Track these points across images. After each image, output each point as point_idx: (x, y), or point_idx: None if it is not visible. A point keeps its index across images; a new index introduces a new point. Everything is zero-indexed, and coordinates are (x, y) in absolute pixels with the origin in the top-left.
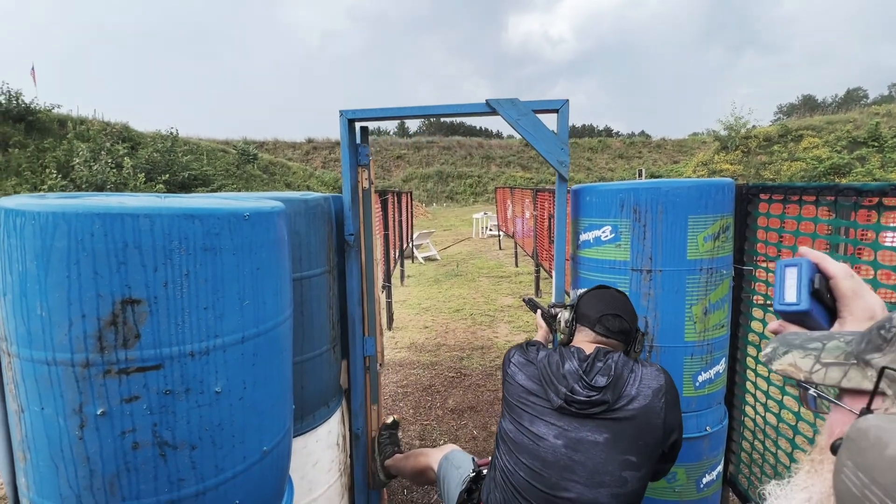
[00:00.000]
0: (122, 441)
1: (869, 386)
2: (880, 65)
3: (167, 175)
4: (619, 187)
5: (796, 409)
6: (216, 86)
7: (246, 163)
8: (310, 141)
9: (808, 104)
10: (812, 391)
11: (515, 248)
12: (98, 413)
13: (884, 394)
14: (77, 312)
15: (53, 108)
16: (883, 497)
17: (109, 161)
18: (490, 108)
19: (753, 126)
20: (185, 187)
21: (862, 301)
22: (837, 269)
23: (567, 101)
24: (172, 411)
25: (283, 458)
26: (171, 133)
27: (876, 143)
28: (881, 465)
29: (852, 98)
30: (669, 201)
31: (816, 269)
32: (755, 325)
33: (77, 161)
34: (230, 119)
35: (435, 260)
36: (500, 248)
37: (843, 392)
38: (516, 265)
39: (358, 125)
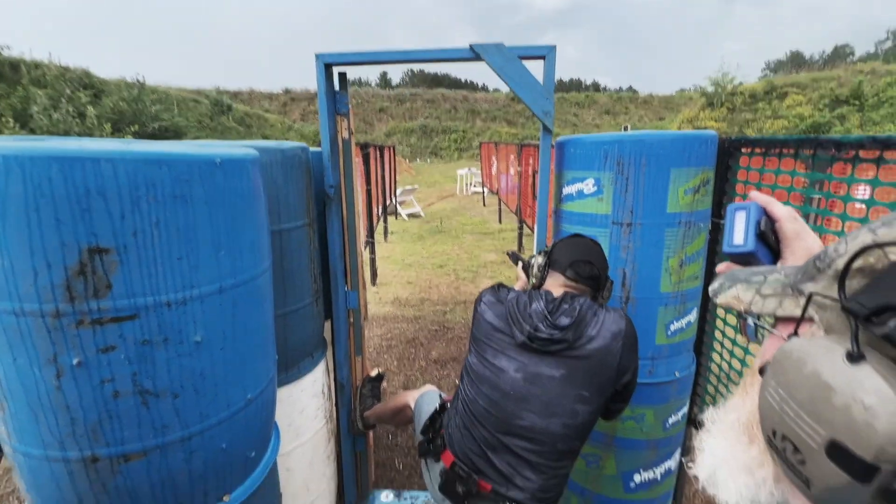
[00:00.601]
0: (102, 390)
1: (799, 313)
2: (871, 20)
3: (136, 126)
4: (603, 139)
5: None
6: (183, 30)
7: (220, 114)
8: (287, 92)
9: (796, 61)
10: (750, 321)
11: (499, 204)
12: (74, 363)
13: (811, 319)
14: (41, 262)
15: (2, 49)
16: (797, 409)
17: (71, 110)
18: (474, 54)
19: (740, 82)
20: (155, 139)
21: (803, 242)
22: (782, 212)
23: (554, 46)
24: (152, 361)
25: (267, 406)
26: (138, 81)
27: (857, 102)
28: (798, 382)
29: (839, 55)
30: (653, 153)
31: (763, 212)
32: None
33: (35, 109)
34: (200, 67)
35: (419, 216)
36: (484, 205)
37: (777, 321)
38: (500, 222)
39: (336, 70)
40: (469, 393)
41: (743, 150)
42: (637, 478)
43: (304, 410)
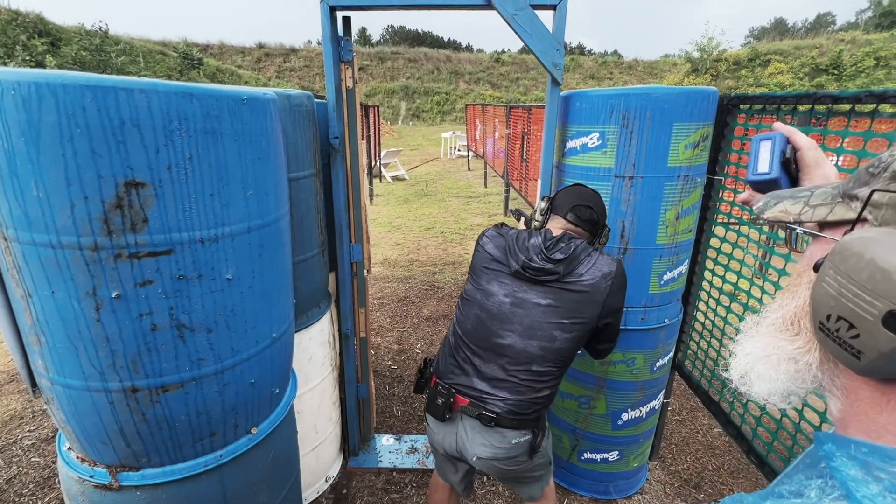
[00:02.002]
0: (141, 323)
1: (853, 216)
2: None
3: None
4: (609, 93)
5: (740, 314)
6: None
7: (190, 68)
8: (261, 46)
9: (779, 28)
10: (798, 230)
11: (485, 168)
12: (113, 296)
13: (865, 220)
14: (78, 194)
15: None
16: (856, 290)
17: (28, 58)
18: (486, 1)
19: (725, 49)
20: None
21: (821, 170)
22: (805, 141)
23: None
24: (187, 295)
25: (289, 346)
26: (100, 28)
27: (836, 72)
28: (859, 266)
29: (821, 23)
30: (658, 108)
31: (787, 141)
32: (718, 231)
33: None
34: (166, 16)
35: (403, 180)
36: (469, 169)
37: (825, 227)
38: (485, 186)
39: (340, 14)
40: (460, 315)
41: (742, 106)
42: (625, 416)
43: (312, 358)
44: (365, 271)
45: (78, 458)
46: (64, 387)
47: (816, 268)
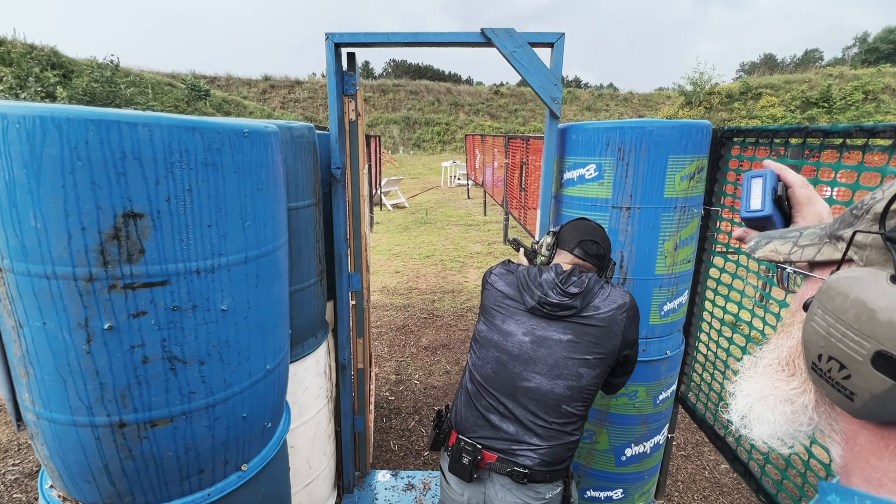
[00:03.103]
0: (132, 355)
1: (839, 256)
2: (839, 25)
3: (120, 109)
4: (605, 126)
5: (742, 345)
6: (155, 9)
7: (197, 99)
8: (267, 79)
9: (769, 63)
10: (789, 269)
11: (484, 196)
12: (105, 327)
13: (851, 260)
14: (76, 225)
15: None
16: (844, 330)
17: (39, 89)
18: (485, 39)
19: (716, 83)
20: None
21: (814, 207)
22: (795, 179)
23: (563, 34)
24: (181, 327)
25: (283, 378)
26: (111, 61)
27: (826, 104)
28: (845, 305)
29: (809, 59)
30: (653, 140)
31: (778, 178)
32: (717, 261)
33: (0, 88)
34: (175, 49)
35: (403, 207)
36: (469, 197)
37: (814, 266)
38: (485, 214)
39: (345, 51)
40: (477, 360)
41: (735, 139)
42: (628, 451)
43: (307, 389)
44: (364, 300)
45: (60, 496)
46: (49, 421)
47: (806, 307)
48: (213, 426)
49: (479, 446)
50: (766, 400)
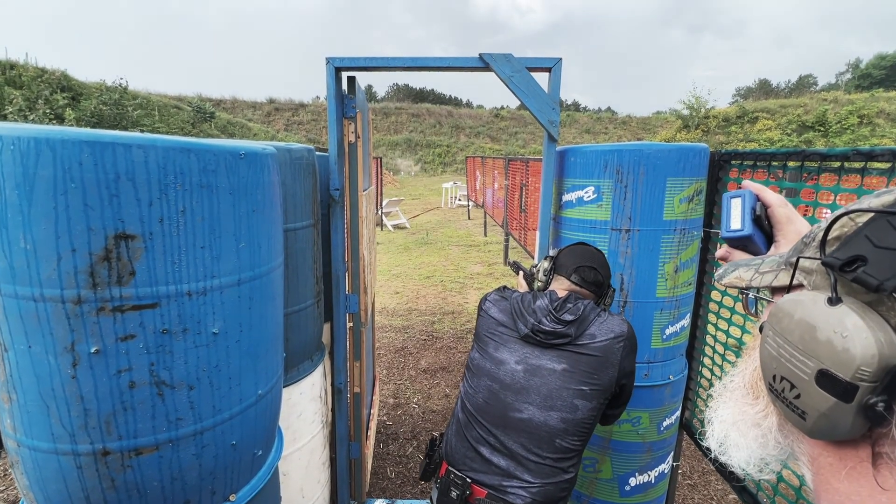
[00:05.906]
0: (119, 380)
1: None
2: (833, 50)
3: (116, 131)
4: (603, 148)
5: None
6: (164, 35)
7: (202, 121)
8: (271, 101)
9: (764, 88)
10: (751, 295)
11: (485, 217)
12: (92, 351)
13: (801, 285)
14: (66, 246)
15: None
16: (791, 350)
17: (48, 112)
18: (483, 63)
19: (712, 107)
20: None
21: (794, 226)
22: (774, 198)
23: (560, 59)
24: (170, 351)
25: (275, 403)
26: (120, 84)
27: (822, 128)
28: (791, 327)
29: (804, 84)
30: (651, 163)
31: (757, 198)
32: (719, 284)
33: (10, 110)
34: (182, 73)
35: (404, 228)
36: (470, 218)
37: (773, 291)
38: (485, 235)
39: (345, 75)
40: (469, 388)
41: (733, 162)
42: (632, 481)
43: (301, 414)
44: (362, 323)
45: None
46: (31, 449)
47: (761, 329)
48: (201, 454)
49: (469, 480)
50: (738, 425)
